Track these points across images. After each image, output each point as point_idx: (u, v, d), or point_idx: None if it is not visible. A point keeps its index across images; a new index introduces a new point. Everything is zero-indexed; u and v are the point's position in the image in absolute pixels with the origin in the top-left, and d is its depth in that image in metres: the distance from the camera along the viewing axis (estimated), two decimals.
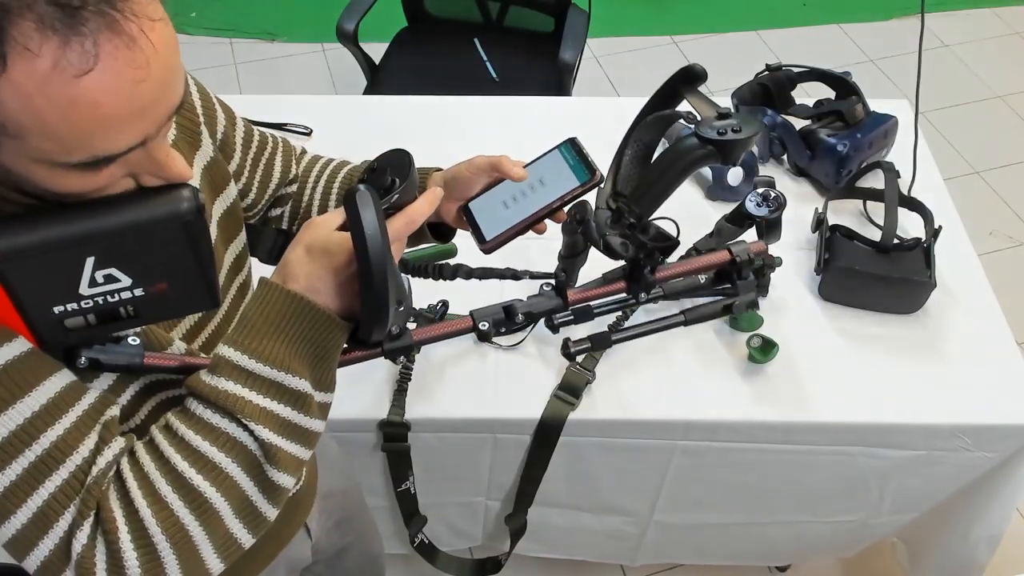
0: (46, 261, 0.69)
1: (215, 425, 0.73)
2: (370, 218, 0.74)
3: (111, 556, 0.69)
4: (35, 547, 0.70)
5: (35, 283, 0.70)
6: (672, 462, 1.43)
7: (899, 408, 1.37)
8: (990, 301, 1.53)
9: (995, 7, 3.58)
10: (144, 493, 0.71)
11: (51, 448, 0.69)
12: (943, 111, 3.07)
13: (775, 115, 1.70)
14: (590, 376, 1.37)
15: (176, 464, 0.72)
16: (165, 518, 0.70)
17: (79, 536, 0.69)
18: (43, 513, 0.69)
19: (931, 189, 1.68)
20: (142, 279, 0.73)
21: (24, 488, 0.69)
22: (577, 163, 0.96)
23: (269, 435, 0.73)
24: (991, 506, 1.48)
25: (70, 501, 0.70)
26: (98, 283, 0.71)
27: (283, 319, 0.76)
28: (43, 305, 0.71)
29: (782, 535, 1.62)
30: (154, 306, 0.75)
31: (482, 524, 1.62)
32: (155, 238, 0.72)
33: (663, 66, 3.26)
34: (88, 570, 0.69)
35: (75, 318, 0.73)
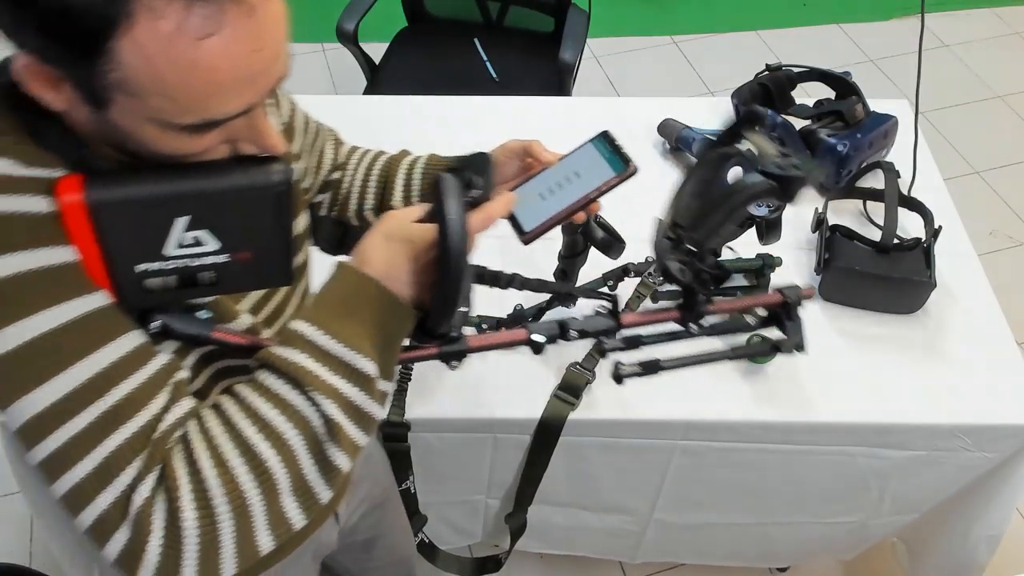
0: (141, 215, 0.71)
1: (283, 396, 0.73)
2: (455, 205, 0.76)
3: (170, 514, 0.69)
4: (93, 500, 0.69)
5: (125, 236, 0.71)
6: (672, 462, 1.43)
7: (899, 408, 1.37)
8: (990, 301, 1.53)
9: (995, 7, 3.58)
10: (209, 455, 0.71)
11: (122, 401, 0.70)
12: (943, 111, 3.08)
13: (775, 115, 1.70)
14: (590, 376, 1.37)
15: (242, 430, 0.72)
16: (227, 482, 0.70)
17: (141, 490, 0.69)
18: (107, 465, 0.69)
19: (931, 189, 1.68)
20: (229, 245, 0.75)
21: (91, 439, 0.69)
22: (612, 155, 0.97)
23: (334, 412, 0.73)
24: (991, 506, 1.48)
25: (136, 455, 0.70)
26: (186, 244, 0.73)
27: (358, 301, 0.77)
28: (128, 261, 0.73)
29: (782, 535, 1.62)
30: (235, 275, 0.77)
31: (482, 522, 1.62)
32: (248, 205, 0.74)
33: (663, 66, 3.28)
34: (145, 526, 0.69)
35: (156, 279, 0.74)
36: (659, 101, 1.86)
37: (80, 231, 0.70)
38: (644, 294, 1.38)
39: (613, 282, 1.41)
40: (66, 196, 0.69)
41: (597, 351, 0.96)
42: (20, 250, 0.67)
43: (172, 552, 0.69)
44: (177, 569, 0.70)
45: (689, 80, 3.21)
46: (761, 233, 1.35)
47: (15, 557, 1.95)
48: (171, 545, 0.69)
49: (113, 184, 0.71)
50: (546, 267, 1.39)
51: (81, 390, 0.69)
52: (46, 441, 0.70)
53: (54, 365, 0.68)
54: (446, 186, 0.78)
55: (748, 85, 1.79)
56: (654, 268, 0.94)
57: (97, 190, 0.70)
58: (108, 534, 0.70)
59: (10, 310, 0.67)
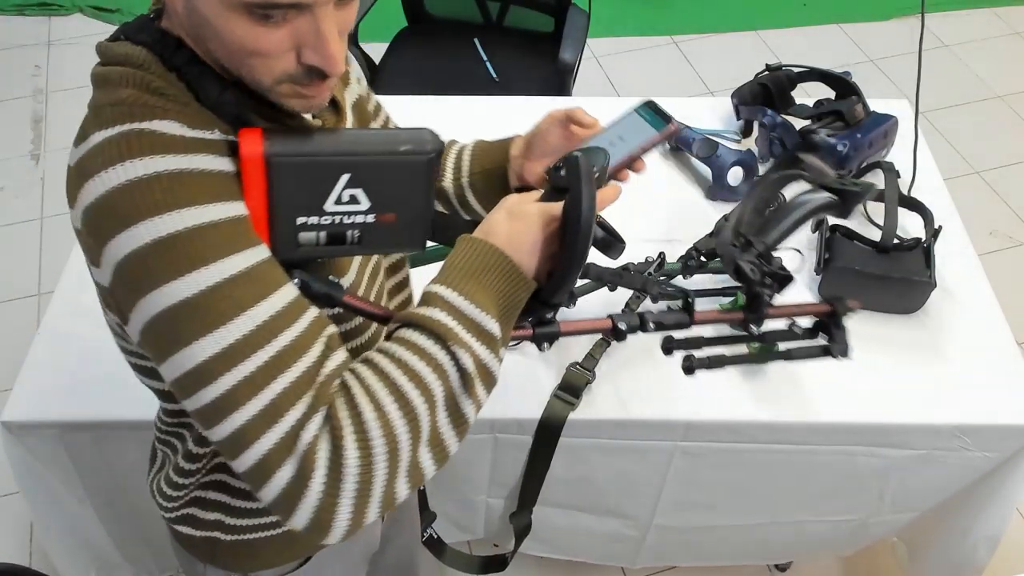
0: (311, 169, 0.78)
1: (427, 349, 0.77)
2: (589, 180, 0.81)
3: (333, 451, 0.73)
4: (257, 440, 0.73)
5: (292, 188, 0.77)
6: (672, 462, 1.43)
7: (899, 408, 1.37)
8: (990, 301, 1.53)
9: (995, 7, 3.58)
10: (368, 400, 0.75)
11: (287, 348, 0.74)
12: (943, 111, 3.07)
13: (775, 115, 1.70)
14: (590, 376, 1.37)
15: (395, 379, 0.76)
16: (384, 424, 0.74)
17: (309, 428, 0.73)
18: (274, 406, 0.72)
19: (931, 189, 1.68)
20: (377, 206, 0.81)
21: (259, 381, 0.72)
22: (654, 117, 1.01)
23: (470, 366, 0.78)
24: (991, 506, 1.48)
25: (300, 397, 0.73)
26: (343, 202, 0.79)
27: (484, 270, 0.81)
28: (290, 212, 0.78)
29: (782, 535, 1.62)
30: (377, 235, 0.83)
31: (483, 520, 1.62)
32: (402, 170, 0.81)
33: (663, 66, 3.27)
34: (310, 463, 0.72)
35: (309, 233, 0.80)
36: (659, 101, 1.85)
37: (255, 182, 0.76)
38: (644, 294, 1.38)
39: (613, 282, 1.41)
40: (248, 148, 0.75)
41: (663, 349, 1.04)
42: (196, 204, 0.72)
43: (332, 491, 0.73)
44: (333, 510, 0.73)
45: (689, 80, 3.21)
46: None
47: (15, 557, 1.95)
48: (332, 483, 0.72)
49: (290, 140, 0.77)
50: None
51: (251, 336, 0.72)
52: (212, 386, 0.72)
53: (226, 314, 0.72)
54: (582, 163, 0.82)
55: (748, 85, 1.79)
56: (726, 267, 1.01)
57: (276, 144, 0.76)
58: (270, 473, 0.73)
59: (186, 261, 0.71)
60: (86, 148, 0.75)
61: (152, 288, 0.72)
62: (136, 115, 0.75)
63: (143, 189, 0.72)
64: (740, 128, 1.79)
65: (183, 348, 0.72)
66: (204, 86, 0.77)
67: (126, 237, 0.71)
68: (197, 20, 0.73)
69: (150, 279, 0.72)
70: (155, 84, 0.76)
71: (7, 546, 1.98)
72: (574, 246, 0.82)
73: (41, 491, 1.43)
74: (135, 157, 0.72)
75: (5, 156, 2.89)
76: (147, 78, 0.76)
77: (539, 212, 0.84)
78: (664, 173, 1.73)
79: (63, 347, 1.40)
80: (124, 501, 1.48)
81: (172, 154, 0.73)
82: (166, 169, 0.72)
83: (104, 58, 0.80)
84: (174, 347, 0.73)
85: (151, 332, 0.74)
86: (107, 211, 0.72)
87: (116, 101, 0.76)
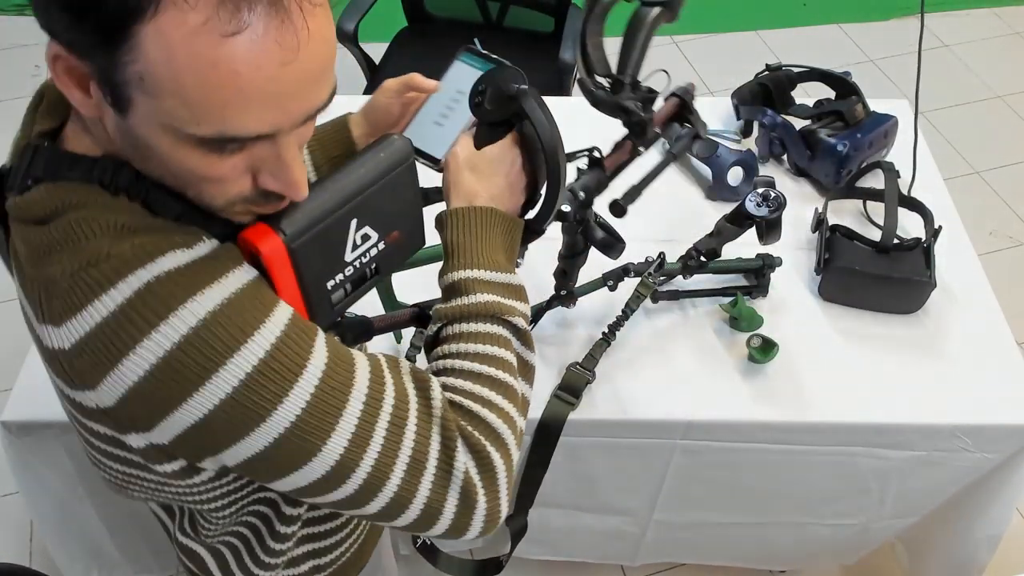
0: (326, 234, 0.74)
1: (490, 331, 0.82)
2: (541, 103, 0.85)
3: (480, 462, 0.77)
4: (415, 495, 0.75)
5: (317, 260, 0.75)
6: (672, 462, 1.43)
7: (899, 408, 1.37)
8: (990, 301, 1.52)
9: (995, 7, 3.58)
10: (478, 403, 0.78)
11: (395, 399, 0.74)
12: (943, 111, 3.07)
13: (775, 115, 1.70)
14: (590, 376, 1.37)
15: (483, 372, 0.80)
16: (499, 413, 0.79)
17: (456, 457, 0.75)
18: (415, 460, 0.74)
19: (931, 189, 1.68)
20: (383, 231, 0.81)
21: (393, 446, 0.73)
22: (483, 63, 1.01)
23: (521, 323, 0.84)
24: (991, 506, 1.48)
25: (429, 437, 0.75)
26: (358, 245, 0.78)
27: (485, 232, 0.84)
28: (321, 283, 0.76)
29: (782, 537, 1.62)
30: (389, 258, 0.83)
31: None
32: (396, 185, 0.80)
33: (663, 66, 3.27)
34: (469, 482, 0.76)
35: (339, 291, 0.79)
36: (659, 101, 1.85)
37: (284, 275, 0.72)
38: (644, 294, 1.38)
39: (613, 282, 1.41)
40: (265, 245, 0.70)
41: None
42: (262, 321, 0.68)
43: (492, 494, 0.78)
44: (498, 506, 0.78)
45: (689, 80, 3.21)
46: (761, 233, 1.35)
47: (15, 557, 1.95)
48: (490, 488, 0.77)
49: (294, 215, 0.71)
50: (546, 267, 1.39)
51: (365, 411, 0.72)
52: (355, 474, 0.72)
53: (338, 403, 0.71)
54: (531, 92, 0.85)
55: (748, 85, 1.79)
56: (612, 113, 1.05)
57: (287, 226, 0.71)
58: (438, 513, 0.76)
59: (281, 381, 0.68)
60: (88, 328, 0.64)
61: (260, 422, 0.67)
62: (135, 262, 0.65)
63: (201, 337, 0.65)
64: (740, 128, 1.79)
65: (314, 457, 0.70)
66: (165, 205, 0.68)
67: (198, 400, 0.65)
68: (136, 144, 0.66)
69: (255, 414, 0.67)
70: (121, 220, 0.67)
71: (7, 546, 1.98)
72: (556, 172, 0.86)
73: (41, 491, 1.43)
74: (172, 312, 0.64)
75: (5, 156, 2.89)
76: (109, 217, 0.66)
77: (500, 156, 0.87)
78: (664, 173, 1.73)
79: None
80: (124, 501, 1.48)
81: (203, 288, 0.66)
82: (214, 306, 0.66)
83: (29, 216, 0.68)
84: (303, 460, 0.70)
85: (269, 458, 0.69)
86: (164, 388, 0.65)
87: (94, 259, 0.65)
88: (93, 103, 0.65)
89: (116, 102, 0.62)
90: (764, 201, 1.33)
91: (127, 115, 0.63)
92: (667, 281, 1.48)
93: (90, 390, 0.67)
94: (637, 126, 1.05)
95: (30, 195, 0.69)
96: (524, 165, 0.89)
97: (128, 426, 0.69)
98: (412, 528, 0.77)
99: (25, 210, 0.69)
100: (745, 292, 1.47)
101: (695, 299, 1.50)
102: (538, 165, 0.88)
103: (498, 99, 0.88)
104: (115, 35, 0.58)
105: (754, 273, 1.51)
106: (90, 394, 0.68)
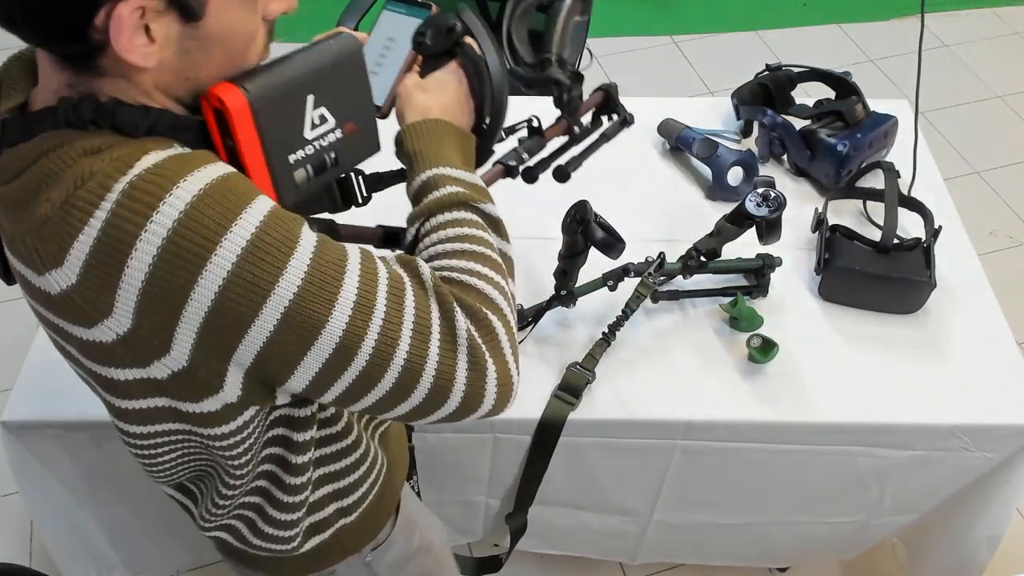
0: (286, 101, 0.77)
1: (460, 217, 0.85)
2: (483, 30, 0.90)
3: (479, 324, 0.78)
4: (426, 359, 0.76)
5: (276, 127, 0.77)
6: (672, 462, 1.43)
7: (899, 408, 1.37)
8: (990, 301, 1.52)
9: (995, 7, 3.58)
10: (461, 272, 0.81)
11: (389, 273, 0.77)
12: (943, 111, 3.07)
13: (775, 115, 1.70)
14: (590, 376, 1.37)
15: (469, 248, 0.83)
16: (488, 280, 0.81)
17: (456, 320, 0.77)
18: (419, 325, 0.76)
19: (931, 189, 1.68)
20: (340, 119, 0.83)
21: (395, 315, 0.75)
22: (409, 8, 1.02)
23: (491, 208, 0.87)
24: (991, 506, 1.48)
25: (428, 303, 0.77)
26: (316, 125, 0.80)
27: (443, 139, 0.89)
28: (282, 153, 0.78)
29: (782, 536, 1.62)
30: (348, 150, 0.85)
31: (482, 522, 1.62)
32: (346, 72, 0.82)
33: (663, 66, 3.27)
34: (473, 343, 0.77)
35: (300, 169, 0.81)
36: (659, 101, 1.86)
37: (246, 130, 0.74)
38: (644, 294, 1.38)
39: (613, 282, 1.41)
40: (230, 98, 0.73)
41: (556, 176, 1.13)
42: (254, 197, 0.71)
43: (498, 356, 0.79)
44: (508, 371, 0.80)
45: (689, 80, 3.21)
46: (761, 233, 1.35)
47: (15, 557, 1.95)
48: (495, 350, 0.79)
49: (257, 78, 0.75)
50: (546, 268, 1.39)
51: (362, 282, 0.74)
52: (364, 344, 0.74)
53: (335, 277, 0.73)
54: (471, 18, 0.91)
55: (748, 85, 1.79)
56: (545, 89, 1.10)
57: (250, 86, 0.74)
58: (452, 377, 0.77)
59: (280, 255, 0.71)
60: (88, 247, 0.68)
61: (265, 298, 0.70)
62: (116, 172, 0.68)
63: (191, 218, 0.67)
64: (740, 128, 1.79)
65: (322, 330, 0.72)
66: (134, 123, 0.72)
67: (204, 287, 0.68)
68: (188, 55, 0.72)
69: (258, 289, 0.70)
70: (95, 144, 0.70)
71: (7, 546, 1.98)
72: (501, 96, 0.92)
73: (41, 491, 1.43)
74: (160, 201, 0.67)
75: None
76: (83, 144, 0.70)
77: (446, 77, 0.93)
78: (664, 173, 1.73)
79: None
80: (124, 501, 1.48)
81: (184, 176, 0.69)
82: (198, 189, 0.68)
83: (7, 175, 0.72)
84: (312, 335, 0.72)
85: (280, 341, 0.72)
86: (171, 280, 0.68)
87: (79, 180, 0.68)
88: (155, 47, 0.69)
89: (188, 14, 0.70)
90: (764, 201, 1.33)
91: (200, 19, 0.71)
92: (667, 281, 1.48)
93: (108, 317, 0.70)
94: (569, 103, 1.10)
95: (8, 154, 0.73)
96: (470, 87, 0.94)
97: (149, 351, 0.73)
98: (427, 407, 0.78)
99: (5, 169, 0.73)
100: (745, 292, 1.47)
101: (695, 299, 1.50)
102: (482, 87, 0.93)
103: (438, 33, 0.94)
104: None
105: (754, 273, 1.51)
106: (108, 323, 0.71)
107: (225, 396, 0.78)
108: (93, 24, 0.66)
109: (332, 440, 0.98)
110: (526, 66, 1.09)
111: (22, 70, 0.79)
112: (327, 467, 0.99)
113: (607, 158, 1.20)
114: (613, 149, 1.18)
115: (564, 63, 1.09)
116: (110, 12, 0.66)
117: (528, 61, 1.10)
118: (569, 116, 1.13)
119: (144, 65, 0.70)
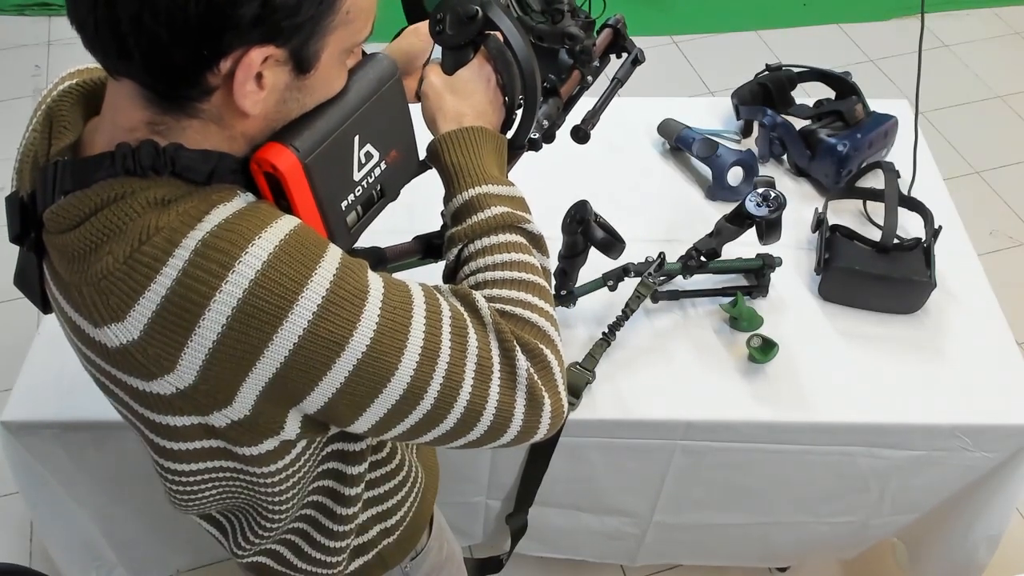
0: (334, 149, 0.75)
1: (507, 241, 0.84)
2: (510, 18, 0.86)
3: (536, 361, 0.79)
4: (487, 400, 0.76)
5: (327, 175, 0.75)
6: (672, 462, 1.43)
7: (899, 408, 1.37)
8: (990, 301, 1.52)
9: (995, 7, 3.58)
10: (515, 304, 0.80)
11: (451, 312, 0.76)
12: (943, 111, 3.07)
13: (775, 115, 1.70)
14: (590, 376, 1.37)
15: (517, 278, 0.82)
16: (540, 312, 0.81)
17: (517, 359, 0.77)
18: (480, 367, 0.76)
19: (931, 189, 1.67)
20: (383, 149, 0.81)
21: (458, 357, 0.75)
22: None
23: (534, 227, 0.86)
24: (991, 506, 1.48)
25: (488, 343, 0.77)
26: (363, 164, 0.79)
27: (481, 150, 0.86)
28: (335, 201, 0.77)
29: (782, 535, 1.62)
30: (391, 178, 0.84)
31: (482, 523, 1.62)
32: (387, 102, 0.81)
33: (663, 66, 3.27)
34: (531, 380, 0.78)
35: (351, 212, 0.79)
36: (659, 101, 1.86)
37: (300, 191, 0.73)
38: (644, 294, 1.38)
39: (613, 282, 1.41)
40: (281, 162, 0.71)
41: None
42: (322, 254, 0.70)
43: (553, 390, 0.80)
44: (559, 400, 0.80)
45: (689, 80, 3.21)
46: (761, 233, 1.35)
47: (15, 557, 1.95)
48: (550, 385, 0.80)
49: (301, 134, 0.73)
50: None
51: (428, 324, 0.74)
52: (430, 389, 0.74)
53: (404, 322, 0.73)
54: (490, 3, 0.86)
55: (748, 85, 1.79)
56: (558, 41, 1.05)
57: (299, 144, 0.72)
58: (510, 415, 0.78)
59: (353, 308, 0.70)
60: (155, 306, 0.66)
61: (339, 351, 0.69)
62: (184, 227, 0.66)
63: (268, 278, 0.66)
64: (740, 128, 1.79)
65: (392, 377, 0.72)
66: (195, 168, 0.69)
67: (277, 344, 0.67)
68: (285, 104, 0.71)
69: (333, 344, 0.69)
70: (159, 194, 0.68)
71: (7, 546, 1.98)
72: (531, 77, 0.88)
73: (41, 491, 1.43)
74: (235, 260, 0.66)
75: (5, 156, 2.88)
76: (147, 195, 0.68)
77: (475, 75, 0.89)
78: (664, 173, 1.73)
79: (63, 347, 1.39)
80: (124, 501, 1.48)
81: (257, 233, 0.67)
82: (272, 247, 0.67)
83: (67, 223, 0.69)
84: (382, 383, 0.72)
85: (350, 392, 0.71)
86: (244, 339, 0.67)
87: (144, 236, 0.66)
88: (263, 94, 0.68)
89: (301, 65, 0.69)
90: (764, 201, 1.33)
91: (310, 71, 0.70)
92: (667, 281, 1.48)
93: (169, 373, 0.68)
94: (582, 53, 1.06)
95: (65, 201, 0.69)
96: (498, 83, 0.90)
97: (211, 403, 0.71)
98: (484, 439, 0.79)
99: (63, 217, 0.69)
100: (745, 292, 1.47)
101: (695, 299, 1.50)
102: (511, 79, 0.89)
103: (458, 22, 0.89)
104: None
105: (754, 273, 1.51)
106: (169, 378, 0.69)
107: (282, 436, 0.77)
108: (218, 67, 0.65)
109: (379, 465, 0.98)
110: (537, 16, 1.05)
111: (74, 107, 0.76)
112: (373, 490, 0.99)
113: (607, 158, 1.20)
114: (613, 149, 1.18)
115: (577, 12, 1.05)
116: (240, 57, 0.65)
117: (537, 9, 1.05)
118: (583, 67, 1.09)
119: (251, 112, 0.68)
